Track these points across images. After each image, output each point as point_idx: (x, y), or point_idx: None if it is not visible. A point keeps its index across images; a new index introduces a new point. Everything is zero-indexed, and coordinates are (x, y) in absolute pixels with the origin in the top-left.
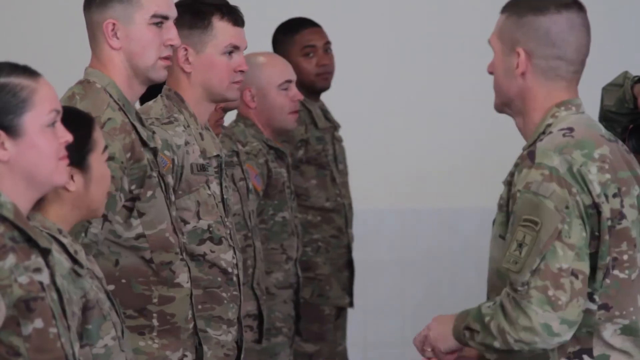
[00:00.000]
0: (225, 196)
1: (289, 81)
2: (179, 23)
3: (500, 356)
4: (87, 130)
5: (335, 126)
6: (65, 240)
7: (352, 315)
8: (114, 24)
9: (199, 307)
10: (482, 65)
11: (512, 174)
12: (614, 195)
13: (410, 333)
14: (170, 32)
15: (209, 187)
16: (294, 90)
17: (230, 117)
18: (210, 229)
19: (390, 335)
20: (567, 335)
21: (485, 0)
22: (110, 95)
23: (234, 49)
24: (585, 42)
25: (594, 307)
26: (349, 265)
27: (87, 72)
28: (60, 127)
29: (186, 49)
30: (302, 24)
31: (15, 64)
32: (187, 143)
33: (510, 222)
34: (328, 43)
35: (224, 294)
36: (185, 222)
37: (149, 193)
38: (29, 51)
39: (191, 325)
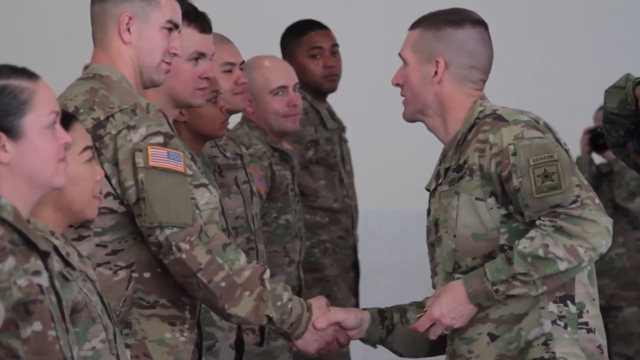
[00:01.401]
0: None
1: (283, 87)
2: None
3: (550, 283)
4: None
5: (342, 127)
6: (57, 242)
7: None
8: (130, 18)
9: None
10: None
11: (481, 141)
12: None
13: None
14: (176, 41)
15: None
16: (290, 96)
17: (233, 119)
18: None
19: None
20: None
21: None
22: None
23: (199, 55)
24: (491, 55)
25: None
26: (355, 266)
27: (95, 67)
28: (59, 129)
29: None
30: (309, 25)
31: (14, 66)
32: None
33: (514, 171)
34: (335, 45)
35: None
36: None
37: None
38: (29, 52)
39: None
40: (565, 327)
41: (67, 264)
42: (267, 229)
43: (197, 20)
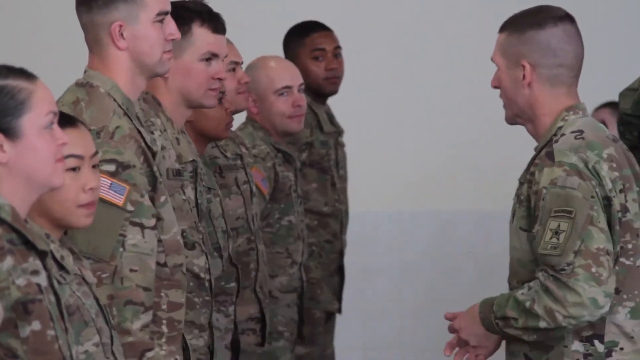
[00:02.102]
0: (199, 201)
1: (288, 87)
2: None
3: (541, 336)
4: None
5: (339, 131)
6: (52, 246)
7: (351, 318)
8: (120, 26)
9: None
10: (482, 72)
11: (531, 173)
12: (620, 191)
13: (409, 335)
14: (170, 26)
15: (184, 192)
16: (294, 96)
17: (237, 119)
18: (184, 234)
19: (389, 338)
20: (607, 307)
21: (491, 9)
22: (115, 100)
23: (212, 56)
24: (580, 49)
25: None
26: (340, 270)
27: (89, 75)
28: (57, 129)
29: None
30: (312, 27)
31: (12, 66)
32: (163, 148)
33: (539, 217)
34: (338, 47)
35: (196, 299)
36: None
37: (162, 198)
38: (28, 52)
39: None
40: None
41: (60, 267)
42: (270, 230)
43: (211, 20)
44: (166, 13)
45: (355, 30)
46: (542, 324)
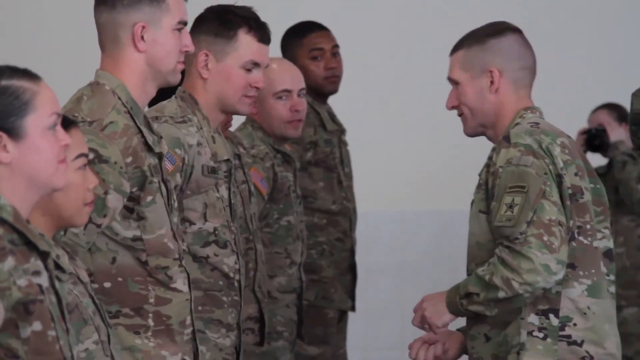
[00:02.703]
0: (232, 201)
1: (287, 91)
2: (205, 28)
3: (502, 307)
4: None
5: (342, 129)
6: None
7: (352, 318)
8: (143, 27)
9: (199, 308)
10: None
11: (489, 157)
12: (575, 174)
13: (410, 335)
14: (186, 38)
15: (218, 191)
16: (293, 100)
17: (236, 120)
18: (216, 232)
19: (390, 338)
20: (561, 274)
21: (492, 7)
22: (119, 98)
23: (254, 65)
24: (535, 57)
25: None
26: (352, 269)
27: (98, 74)
28: (60, 131)
29: (207, 55)
30: (310, 27)
31: (16, 67)
32: (199, 144)
33: (496, 194)
34: (336, 46)
35: (224, 298)
36: (191, 223)
37: (149, 198)
38: (36, 53)
39: (189, 331)
40: (544, 338)
41: (57, 266)
42: (269, 230)
43: (258, 29)
44: (185, 23)
45: (356, 30)
46: (501, 294)
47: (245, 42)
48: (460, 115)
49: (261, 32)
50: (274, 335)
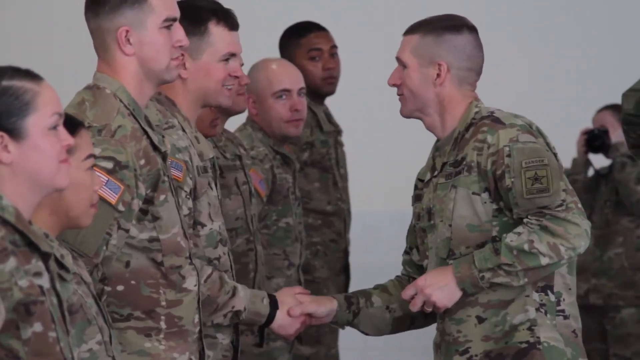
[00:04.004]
0: (220, 198)
1: (287, 90)
2: None
3: (531, 276)
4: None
5: (338, 130)
6: (52, 245)
7: None
8: (127, 31)
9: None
10: (484, 70)
11: (480, 140)
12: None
13: (409, 337)
14: (178, 33)
15: (212, 189)
16: (293, 100)
17: (235, 121)
18: (220, 230)
19: (389, 339)
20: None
21: (489, 8)
22: (121, 100)
23: (231, 56)
24: (483, 58)
25: None
26: (345, 269)
27: (96, 77)
28: (62, 131)
29: (182, 55)
30: (308, 27)
31: (18, 67)
32: (188, 146)
33: (510, 171)
34: (334, 47)
35: None
36: (202, 225)
37: (162, 197)
38: (36, 54)
39: (197, 330)
40: (545, 313)
41: (61, 266)
42: (267, 232)
43: (226, 18)
44: (174, 19)
45: (354, 30)
46: (544, 261)
47: (218, 35)
48: (399, 95)
49: (230, 20)
50: (272, 336)
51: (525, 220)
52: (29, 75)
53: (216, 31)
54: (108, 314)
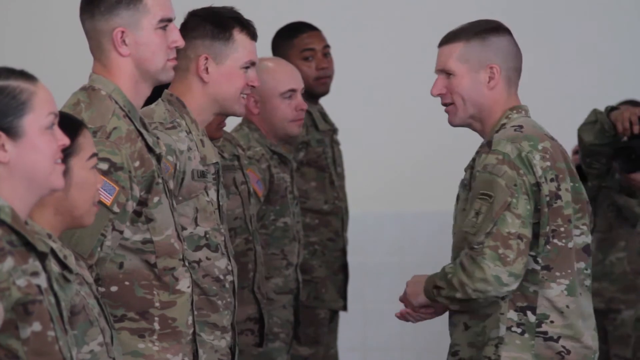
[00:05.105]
0: (221, 203)
1: (293, 90)
2: (199, 32)
3: (462, 306)
4: (71, 134)
5: (334, 129)
6: (54, 245)
7: (352, 319)
8: (122, 32)
9: (196, 312)
10: None
11: (473, 160)
12: (552, 180)
13: (410, 337)
14: (174, 33)
15: (208, 194)
16: (298, 99)
17: (231, 121)
18: (207, 235)
19: (390, 339)
20: (514, 286)
21: (484, 9)
22: (116, 102)
23: (251, 65)
24: (522, 57)
25: (537, 267)
26: (344, 268)
27: (92, 78)
28: (58, 131)
29: (207, 59)
30: (301, 27)
31: (13, 68)
32: (189, 149)
33: (470, 196)
34: (327, 47)
35: (219, 302)
36: (183, 228)
37: (156, 199)
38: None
39: (191, 331)
40: (522, 333)
41: (64, 266)
42: (265, 232)
43: (249, 27)
44: (169, 20)
45: (347, 30)
46: (458, 295)
47: (242, 42)
48: (447, 104)
49: (252, 30)
50: (270, 337)
51: (461, 252)
52: (24, 75)
53: (240, 38)
54: (110, 315)
